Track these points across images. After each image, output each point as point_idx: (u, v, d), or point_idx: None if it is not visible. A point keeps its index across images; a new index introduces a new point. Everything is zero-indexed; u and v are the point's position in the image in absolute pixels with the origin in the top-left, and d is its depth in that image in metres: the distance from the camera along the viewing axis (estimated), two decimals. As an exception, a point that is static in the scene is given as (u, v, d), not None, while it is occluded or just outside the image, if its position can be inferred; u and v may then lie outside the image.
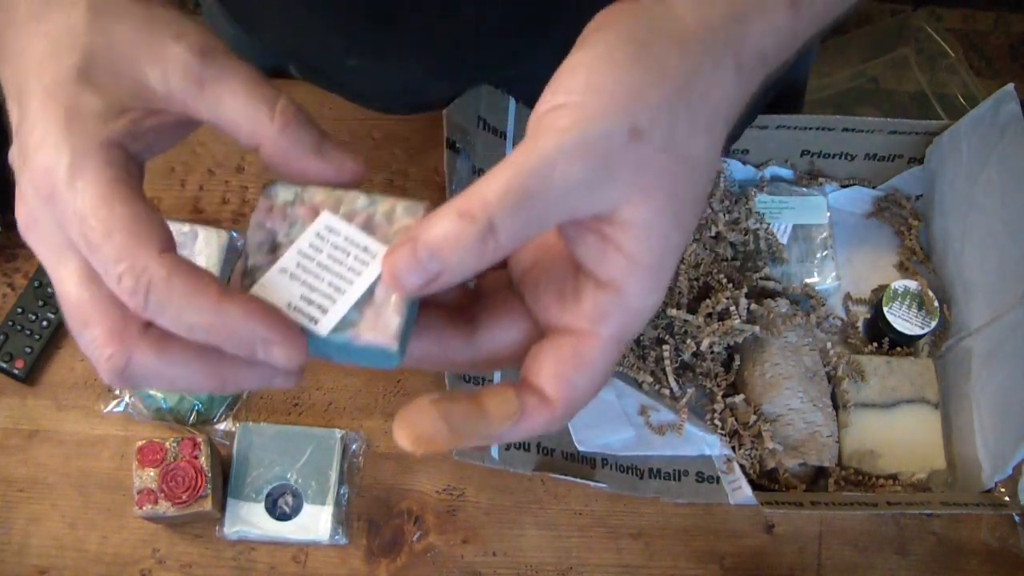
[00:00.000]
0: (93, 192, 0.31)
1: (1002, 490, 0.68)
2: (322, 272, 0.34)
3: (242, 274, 0.34)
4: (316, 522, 0.70)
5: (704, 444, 0.69)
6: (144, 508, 0.67)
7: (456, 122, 0.68)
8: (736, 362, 0.74)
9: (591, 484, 0.65)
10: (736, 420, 0.72)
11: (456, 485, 0.73)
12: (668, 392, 0.71)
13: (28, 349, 0.73)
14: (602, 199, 0.31)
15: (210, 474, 0.68)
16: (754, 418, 0.71)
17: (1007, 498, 0.68)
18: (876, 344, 0.77)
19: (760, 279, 0.77)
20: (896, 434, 0.73)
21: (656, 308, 0.33)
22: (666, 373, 0.72)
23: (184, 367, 0.32)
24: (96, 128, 0.33)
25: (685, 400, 0.70)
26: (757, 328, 0.72)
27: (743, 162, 0.81)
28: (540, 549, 0.71)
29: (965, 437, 0.72)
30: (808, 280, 0.80)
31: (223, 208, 0.79)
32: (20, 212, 0.33)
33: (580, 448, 0.67)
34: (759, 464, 0.71)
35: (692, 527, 0.72)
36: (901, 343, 0.76)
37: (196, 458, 0.68)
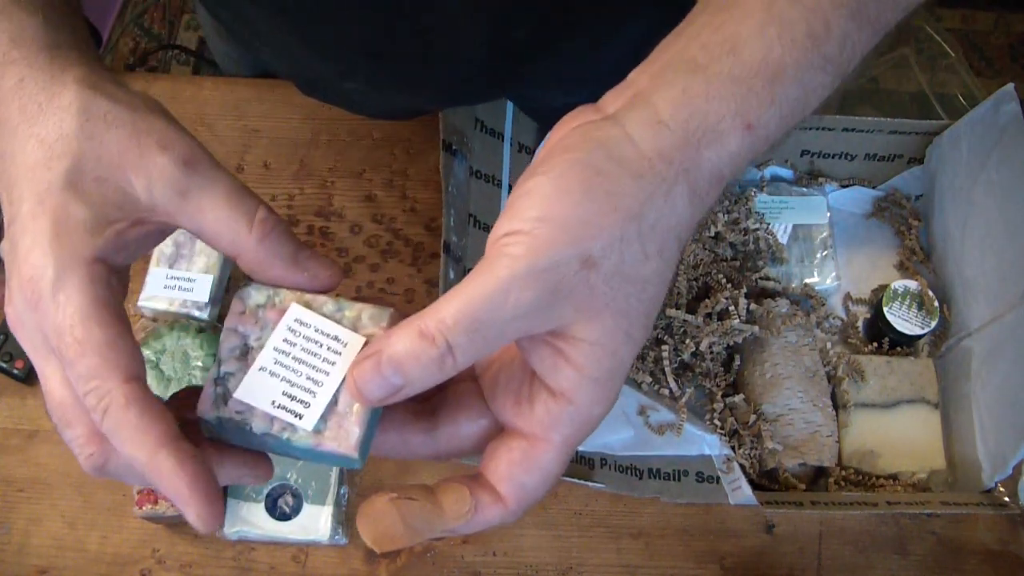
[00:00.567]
0: (73, 310, 0.33)
1: (1002, 490, 0.68)
2: (299, 366, 0.35)
3: (214, 381, 0.36)
4: (316, 522, 0.70)
5: (704, 444, 0.69)
6: (144, 508, 0.67)
7: (453, 124, 0.68)
8: (736, 362, 0.74)
9: (590, 484, 0.65)
10: (736, 420, 0.72)
11: (456, 485, 0.73)
12: (667, 392, 0.71)
13: (28, 349, 0.73)
14: (553, 319, 0.33)
15: (210, 474, 0.67)
16: (754, 418, 0.71)
17: (1007, 498, 0.68)
18: (876, 344, 0.77)
19: (760, 279, 0.77)
20: (896, 434, 0.73)
21: (604, 416, 0.35)
22: (665, 373, 0.72)
23: None
24: (82, 242, 0.34)
25: (684, 400, 0.70)
26: (757, 328, 0.72)
27: (743, 162, 0.81)
28: (540, 549, 0.71)
29: (965, 437, 0.71)
30: (808, 280, 0.79)
31: (223, 208, 0.79)
32: (9, 311, 0.35)
33: (579, 448, 0.67)
34: (759, 464, 0.71)
35: (692, 527, 0.72)
36: (901, 343, 0.76)
37: (196, 458, 0.68)
